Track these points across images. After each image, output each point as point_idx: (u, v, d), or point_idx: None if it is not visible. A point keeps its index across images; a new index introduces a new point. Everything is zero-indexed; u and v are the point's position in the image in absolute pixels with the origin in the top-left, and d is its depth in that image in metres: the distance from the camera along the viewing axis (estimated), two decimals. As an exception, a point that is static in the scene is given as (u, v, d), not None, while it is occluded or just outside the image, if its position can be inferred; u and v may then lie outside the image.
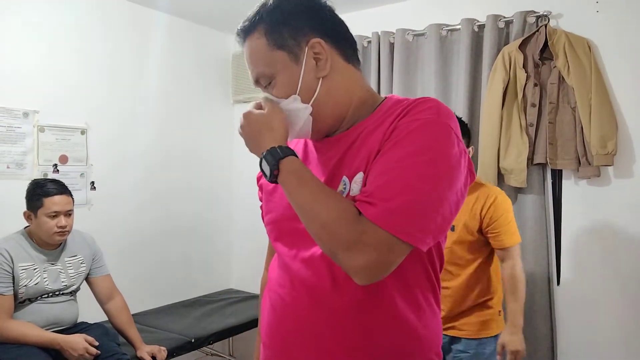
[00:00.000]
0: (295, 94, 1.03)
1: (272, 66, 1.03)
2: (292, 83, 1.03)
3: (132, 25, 3.30)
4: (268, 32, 1.03)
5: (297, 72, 1.02)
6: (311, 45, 1.02)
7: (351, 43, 1.10)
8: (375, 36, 3.20)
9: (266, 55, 1.03)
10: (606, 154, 2.50)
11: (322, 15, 1.06)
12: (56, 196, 2.32)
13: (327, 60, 1.03)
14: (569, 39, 2.58)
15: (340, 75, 1.06)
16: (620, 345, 2.62)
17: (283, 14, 1.03)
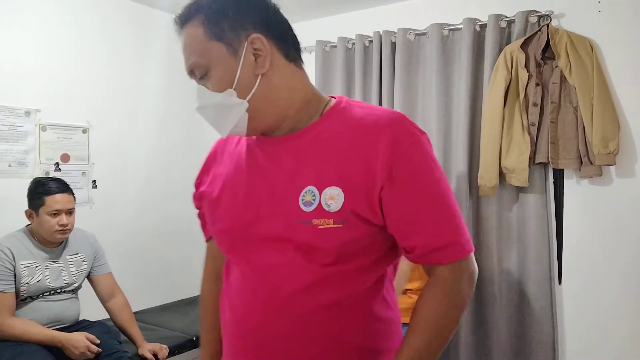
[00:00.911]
0: (231, 88, 0.99)
1: (207, 57, 0.99)
2: (229, 77, 0.99)
3: (133, 24, 3.30)
4: (206, 22, 0.99)
5: (235, 66, 0.98)
6: (251, 40, 0.98)
7: (294, 42, 1.06)
8: (377, 36, 3.20)
9: (203, 45, 0.99)
10: (608, 154, 2.50)
11: (265, 12, 1.02)
12: (58, 194, 2.32)
13: (267, 57, 1.00)
14: (571, 38, 2.58)
15: (281, 74, 1.02)
16: (622, 344, 2.62)
17: (224, 5, 0.99)
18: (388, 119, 1.01)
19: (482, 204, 2.90)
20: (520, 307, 2.79)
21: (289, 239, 1.01)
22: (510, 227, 2.84)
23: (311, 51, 3.56)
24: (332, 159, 1.01)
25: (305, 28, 3.62)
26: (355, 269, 1.02)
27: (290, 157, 1.04)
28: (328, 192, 0.99)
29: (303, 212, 0.99)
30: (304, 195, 1.00)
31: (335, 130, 1.03)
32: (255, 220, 1.04)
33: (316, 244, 0.99)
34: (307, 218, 0.99)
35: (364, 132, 1.01)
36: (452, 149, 2.99)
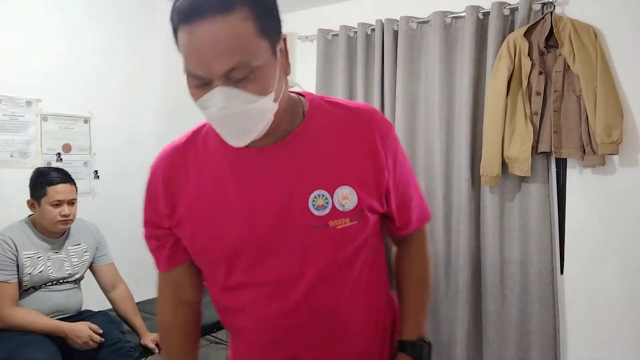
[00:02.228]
0: (273, 92, 0.90)
1: (257, 57, 0.86)
2: (272, 79, 0.89)
3: (135, 13, 3.29)
4: (258, 14, 0.85)
5: (275, 66, 0.90)
6: (284, 40, 0.94)
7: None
8: (379, 24, 3.18)
9: (253, 42, 0.85)
10: (611, 143, 2.48)
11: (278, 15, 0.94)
12: (59, 185, 2.32)
13: (288, 58, 0.95)
14: (575, 26, 2.55)
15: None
16: (624, 334, 2.62)
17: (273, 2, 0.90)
18: (370, 112, 1.08)
19: (484, 193, 2.89)
20: (522, 296, 2.79)
21: (306, 246, 1.00)
22: (513, 217, 2.83)
23: (313, 40, 3.54)
24: (332, 160, 1.01)
25: (307, 16, 3.62)
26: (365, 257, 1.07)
27: (285, 165, 1.00)
28: (340, 192, 0.99)
29: (317, 217, 0.98)
30: (315, 200, 0.99)
31: (325, 131, 1.02)
32: (269, 235, 1.00)
33: (335, 245, 1.01)
34: (322, 222, 0.98)
35: (354, 128, 1.03)
36: (454, 138, 2.97)
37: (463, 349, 2.90)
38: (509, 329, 2.83)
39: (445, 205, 2.99)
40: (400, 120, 3.10)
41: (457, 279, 2.95)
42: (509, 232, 2.84)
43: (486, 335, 2.91)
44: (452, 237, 3.00)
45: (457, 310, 2.94)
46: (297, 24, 3.68)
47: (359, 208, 1.00)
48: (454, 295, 2.97)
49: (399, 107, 3.11)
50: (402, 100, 3.09)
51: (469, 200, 2.88)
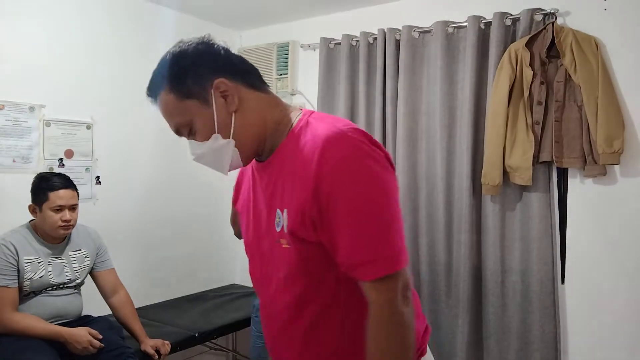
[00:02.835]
0: (215, 133, 1.10)
1: (186, 115, 1.11)
2: (210, 124, 1.10)
3: (138, 20, 3.30)
4: (173, 86, 1.11)
5: (211, 113, 1.09)
6: (216, 86, 1.09)
7: (252, 72, 1.17)
8: (381, 33, 3.19)
9: (178, 107, 1.11)
10: (612, 153, 2.48)
11: (218, 57, 1.13)
12: (61, 190, 2.32)
13: (234, 95, 1.10)
14: (576, 37, 2.56)
15: (250, 104, 1.12)
16: (626, 344, 2.61)
17: (182, 67, 1.11)
18: (323, 138, 1.03)
19: (485, 202, 2.89)
20: (523, 306, 2.78)
21: (275, 256, 1.15)
22: (514, 226, 2.83)
23: (315, 48, 3.56)
24: (288, 181, 1.09)
25: (309, 25, 3.64)
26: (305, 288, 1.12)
27: (267, 179, 1.16)
28: (285, 213, 1.09)
29: (276, 232, 1.12)
30: (277, 217, 1.12)
31: (291, 152, 1.10)
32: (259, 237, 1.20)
33: (282, 261, 1.13)
34: (278, 237, 1.11)
35: (306, 153, 1.06)
36: (455, 147, 2.98)
37: (463, 358, 2.89)
38: (509, 338, 2.82)
39: (447, 214, 2.99)
40: (402, 129, 3.11)
41: (458, 288, 2.94)
42: (510, 242, 2.84)
43: (487, 344, 2.90)
44: (453, 246, 2.99)
45: (458, 319, 2.93)
46: (299, 32, 3.70)
47: (289, 232, 1.07)
48: (455, 304, 2.97)
49: (401, 116, 3.12)
50: (403, 109, 3.10)
51: (470, 209, 2.88)
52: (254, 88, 1.14)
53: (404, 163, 3.10)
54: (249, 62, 1.19)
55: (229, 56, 1.15)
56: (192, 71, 1.11)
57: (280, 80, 3.74)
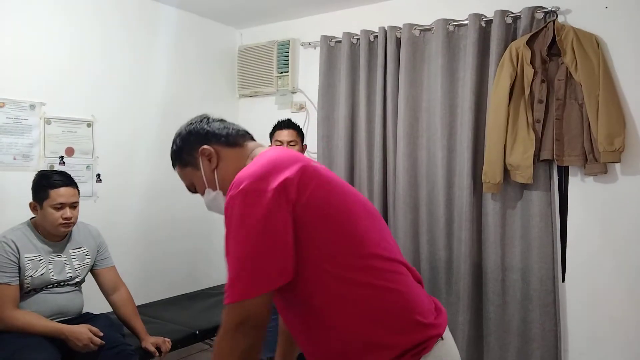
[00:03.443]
0: (207, 188, 1.40)
1: (188, 178, 1.45)
2: (202, 182, 1.41)
3: (139, 18, 3.30)
4: (176, 161, 1.48)
5: (201, 174, 1.40)
6: (201, 152, 1.38)
7: (230, 131, 1.41)
8: (382, 31, 3.19)
9: (182, 173, 1.47)
10: (613, 151, 2.48)
11: (204, 130, 1.42)
12: (62, 188, 2.32)
13: (214, 157, 1.37)
14: (577, 35, 2.56)
15: (227, 159, 1.38)
16: (626, 342, 2.61)
17: (180, 145, 1.46)
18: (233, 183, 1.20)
19: (486, 200, 2.89)
20: (523, 304, 2.79)
21: None
22: (514, 224, 2.83)
23: (316, 46, 3.56)
24: None
25: (310, 23, 3.63)
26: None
27: None
28: None
29: None
30: None
31: None
32: None
33: None
34: None
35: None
36: (456, 145, 2.98)
37: (464, 356, 2.90)
38: (510, 336, 2.83)
39: (447, 212, 3.00)
40: (403, 127, 3.11)
41: (459, 285, 2.94)
42: (511, 239, 2.84)
43: (487, 342, 2.90)
44: (453, 243, 2.99)
45: (458, 317, 2.93)
46: (300, 30, 3.70)
47: None
48: (455, 302, 2.97)
49: (401, 114, 3.12)
50: (404, 107, 3.10)
51: (471, 207, 2.89)
52: (231, 146, 1.39)
53: (405, 161, 3.10)
54: (231, 125, 1.45)
55: (213, 126, 1.43)
56: (185, 147, 1.44)
57: (281, 79, 3.74)
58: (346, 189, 1.27)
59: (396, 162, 3.17)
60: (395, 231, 3.19)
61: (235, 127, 1.47)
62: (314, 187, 1.15)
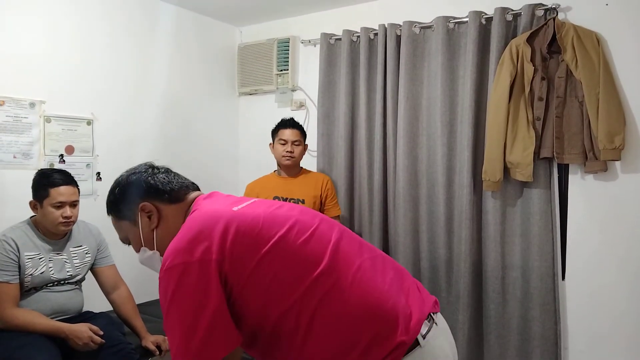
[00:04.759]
0: (143, 247, 1.36)
1: (123, 232, 1.40)
2: (138, 239, 1.36)
3: (139, 16, 3.30)
4: (113, 211, 1.41)
5: (138, 231, 1.34)
6: (141, 208, 1.33)
7: (174, 187, 1.37)
8: (382, 28, 3.18)
9: (116, 225, 1.41)
10: (613, 149, 2.48)
11: (145, 184, 1.36)
12: (62, 186, 2.32)
13: (155, 214, 1.33)
14: (578, 32, 2.56)
15: (168, 218, 1.34)
16: (626, 340, 2.61)
17: (117, 195, 1.39)
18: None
19: (486, 198, 2.89)
20: (523, 302, 2.79)
21: None
22: (514, 222, 2.83)
23: (316, 44, 3.56)
24: None
25: (310, 20, 3.63)
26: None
27: None
28: None
29: None
30: None
31: None
32: None
33: None
34: None
35: None
36: (456, 143, 2.98)
37: (464, 354, 2.90)
38: (510, 335, 2.83)
39: (447, 210, 2.99)
40: (403, 124, 3.10)
41: (459, 283, 2.94)
42: (511, 238, 2.84)
43: (487, 340, 2.91)
44: (453, 242, 2.99)
45: (458, 315, 2.93)
46: (300, 28, 3.70)
47: None
48: (455, 300, 2.97)
49: (401, 111, 3.11)
50: (404, 105, 3.10)
51: (471, 205, 2.88)
52: (174, 202, 1.35)
53: (405, 159, 3.10)
54: (175, 178, 1.41)
55: (158, 180, 1.37)
56: (123, 199, 1.37)
57: (281, 76, 3.73)
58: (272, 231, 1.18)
59: (396, 160, 3.16)
60: (396, 229, 3.19)
61: (180, 181, 1.41)
62: (238, 246, 1.14)
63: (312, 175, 3.12)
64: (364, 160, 3.28)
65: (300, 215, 1.26)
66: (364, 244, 1.32)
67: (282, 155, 2.99)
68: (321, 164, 3.48)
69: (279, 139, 3.01)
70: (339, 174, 3.38)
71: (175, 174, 1.45)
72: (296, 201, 2.97)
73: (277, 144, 3.03)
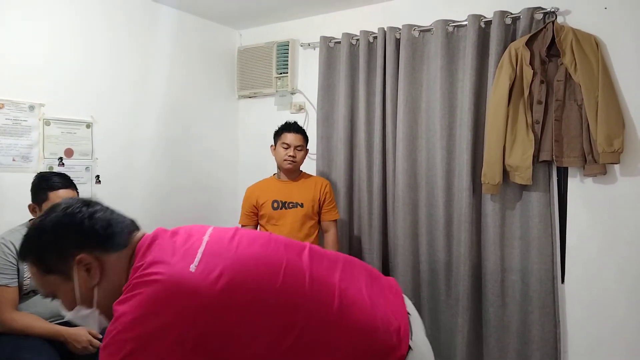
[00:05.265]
0: (78, 305, 1.14)
1: (49, 287, 1.15)
2: (71, 297, 1.13)
3: (139, 19, 3.30)
4: (37, 261, 1.14)
5: (72, 287, 1.12)
6: (78, 261, 1.11)
7: (116, 230, 1.17)
8: (381, 32, 3.19)
9: (41, 279, 1.15)
10: (612, 152, 2.48)
11: (81, 229, 1.13)
12: (61, 190, 2.32)
13: (96, 268, 1.13)
14: (577, 35, 2.56)
15: (111, 270, 1.14)
16: (625, 343, 2.61)
17: (44, 243, 1.12)
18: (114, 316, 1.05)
19: (485, 201, 2.89)
20: (523, 305, 2.78)
21: None
22: (513, 225, 2.83)
23: (315, 47, 3.56)
24: None
25: (310, 23, 3.63)
26: None
27: None
28: None
29: None
30: None
31: None
32: None
33: None
34: None
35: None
36: (455, 146, 2.98)
37: (463, 358, 2.89)
38: (509, 338, 2.83)
39: (446, 213, 2.99)
40: (402, 128, 3.10)
41: (458, 287, 2.94)
42: (510, 241, 2.84)
43: (486, 343, 2.90)
44: (452, 245, 2.99)
45: (458, 319, 2.93)
46: (299, 31, 3.70)
47: None
48: (455, 303, 2.97)
49: (401, 115, 3.11)
50: (403, 108, 3.10)
51: (470, 208, 2.88)
52: (116, 249, 1.16)
53: (404, 162, 3.10)
54: (117, 218, 1.19)
55: (93, 224, 1.14)
56: (53, 248, 1.12)
57: (280, 79, 3.73)
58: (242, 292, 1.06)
59: (395, 163, 3.17)
60: (395, 232, 3.19)
61: (120, 220, 1.20)
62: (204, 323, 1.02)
63: (311, 179, 3.12)
64: (363, 163, 3.28)
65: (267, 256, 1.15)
66: (325, 256, 1.25)
67: (284, 159, 2.98)
68: (320, 166, 3.48)
69: (281, 142, 3.00)
70: (338, 177, 3.38)
71: (113, 211, 1.21)
72: (295, 205, 2.97)
73: (279, 147, 3.02)
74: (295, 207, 2.96)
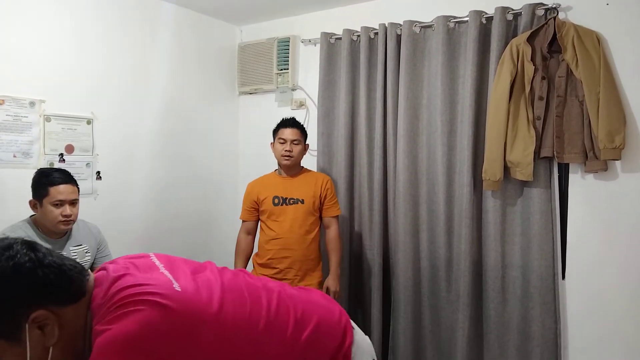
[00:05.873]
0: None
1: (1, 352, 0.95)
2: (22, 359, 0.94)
3: (139, 15, 3.30)
4: None
5: (23, 351, 0.93)
6: (32, 320, 0.93)
7: (73, 275, 1.00)
8: (382, 28, 3.18)
9: None
10: (614, 148, 2.48)
11: (31, 281, 0.94)
12: (61, 185, 2.32)
13: (54, 325, 0.96)
14: (578, 31, 2.55)
15: (68, 326, 0.98)
16: (625, 340, 2.61)
17: None
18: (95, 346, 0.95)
19: (486, 197, 2.89)
20: (523, 301, 2.79)
21: None
22: (514, 222, 2.83)
23: (316, 43, 3.55)
24: None
25: (311, 20, 3.63)
26: None
27: None
28: None
29: None
30: None
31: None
32: None
33: None
34: None
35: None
36: (456, 142, 2.97)
37: (464, 354, 2.90)
38: (510, 334, 2.83)
39: (447, 209, 2.99)
40: (403, 124, 3.10)
41: (458, 283, 2.94)
42: (511, 237, 2.84)
43: (487, 340, 2.91)
44: (453, 241, 2.99)
45: (458, 315, 2.93)
46: (300, 27, 3.69)
47: None
48: (455, 299, 2.97)
49: (402, 111, 3.11)
50: (404, 104, 3.10)
51: (471, 205, 2.88)
52: (74, 301, 1.00)
53: (405, 158, 3.10)
54: (67, 262, 1.02)
55: (45, 273, 0.96)
56: (4, 308, 0.93)
57: (281, 76, 3.73)
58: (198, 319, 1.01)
59: (396, 159, 3.16)
60: (396, 229, 3.18)
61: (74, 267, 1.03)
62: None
63: (312, 175, 3.12)
64: (364, 159, 3.28)
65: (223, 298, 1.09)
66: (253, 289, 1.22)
67: (281, 155, 2.99)
68: (321, 163, 3.47)
69: (278, 138, 3.02)
70: (339, 173, 3.38)
71: (61, 255, 1.03)
72: (296, 201, 2.97)
73: (277, 143, 3.03)
74: (296, 203, 2.97)
